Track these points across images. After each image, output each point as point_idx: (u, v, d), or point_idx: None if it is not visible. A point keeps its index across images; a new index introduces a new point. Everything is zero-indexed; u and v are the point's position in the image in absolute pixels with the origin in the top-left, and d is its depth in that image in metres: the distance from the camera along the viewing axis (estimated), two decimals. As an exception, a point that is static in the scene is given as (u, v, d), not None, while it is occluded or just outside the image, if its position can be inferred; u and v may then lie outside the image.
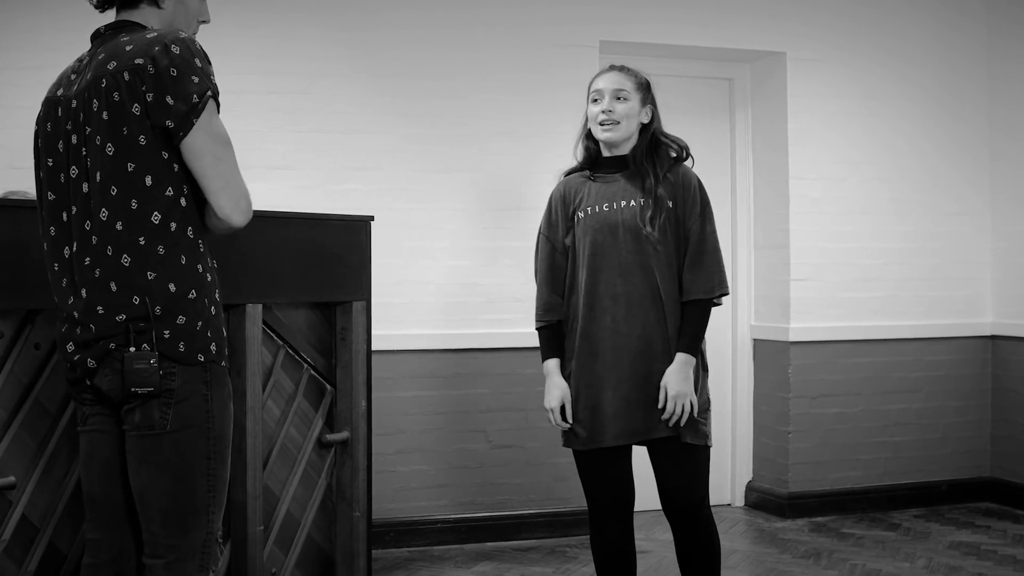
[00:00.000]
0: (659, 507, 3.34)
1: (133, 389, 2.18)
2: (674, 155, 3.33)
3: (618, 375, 3.22)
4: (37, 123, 2.40)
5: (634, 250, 3.22)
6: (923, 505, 5.72)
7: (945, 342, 5.80)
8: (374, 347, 4.05)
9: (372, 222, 3.87)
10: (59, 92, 2.35)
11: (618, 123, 3.29)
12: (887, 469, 5.70)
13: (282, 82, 4.84)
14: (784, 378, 5.54)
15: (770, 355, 5.66)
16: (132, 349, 2.19)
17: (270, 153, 4.81)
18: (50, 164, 2.33)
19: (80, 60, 2.36)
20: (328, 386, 3.77)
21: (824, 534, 5.19)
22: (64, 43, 4.48)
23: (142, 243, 2.21)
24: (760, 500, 5.69)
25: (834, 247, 5.60)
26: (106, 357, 2.23)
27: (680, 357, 3.21)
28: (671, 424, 3.19)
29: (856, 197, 5.65)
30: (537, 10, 5.19)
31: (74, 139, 2.27)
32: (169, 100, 2.18)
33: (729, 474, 5.80)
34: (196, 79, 2.21)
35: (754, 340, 5.77)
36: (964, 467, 5.84)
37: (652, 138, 3.32)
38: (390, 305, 4.87)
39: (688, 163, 3.37)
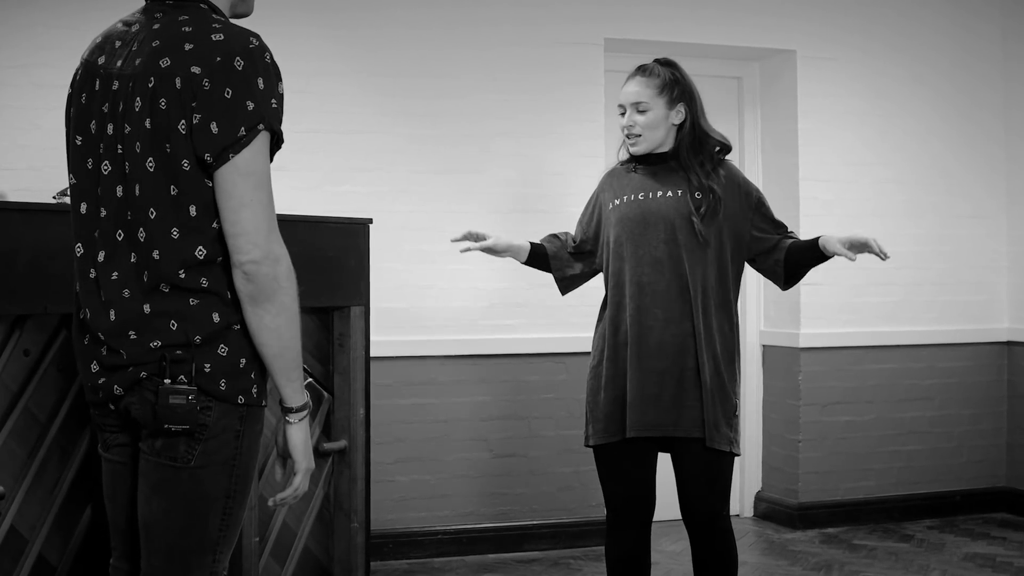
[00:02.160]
0: (669, 518, 3.36)
1: (167, 425, 2.01)
2: (718, 150, 3.36)
3: (639, 366, 3.23)
4: (72, 86, 2.15)
5: (667, 240, 3.25)
6: (937, 516, 5.70)
7: (959, 348, 5.79)
8: (373, 353, 4.05)
9: (371, 225, 3.86)
10: (100, 60, 2.09)
11: (640, 136, 3.32)
12: (900, 479, 5.69)
13: (279, 81, 4.83)
14: (794, 385, 5.53)
15: (780, 361, 5.65)
16: (167, 381, 2.00)
17: (266, 154, 4.80)
18: (78, 143, 2.10)
19: (129, 24, 2.12)
20: (325, 393, 3.76)
21: (835, 546, 5.18)
22: (56, 42, 4.50)
23: (183, 276, 2.01)
24: (769, 510, 5.68)
25: (845, 250, 5.58)
26: (135, 385, 2.04)
27: (823, 240, 3.28)
28: (884, 252, 3.18)
29: (868, 199, 5.64)
30: (541, 7, 5.19)
31: (110, 129, 2.04)
32: (214, 127, 1.95)
33: (738, 484, 5.78)
34: (251, 105, 1.97)
35: (763, 346, 5.76)
36: (979, 477, 5.83)
37: (694, 134, 3.33)
38: (389, 310, 4.86)
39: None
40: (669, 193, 3.28)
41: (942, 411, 5.76)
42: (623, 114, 3.37)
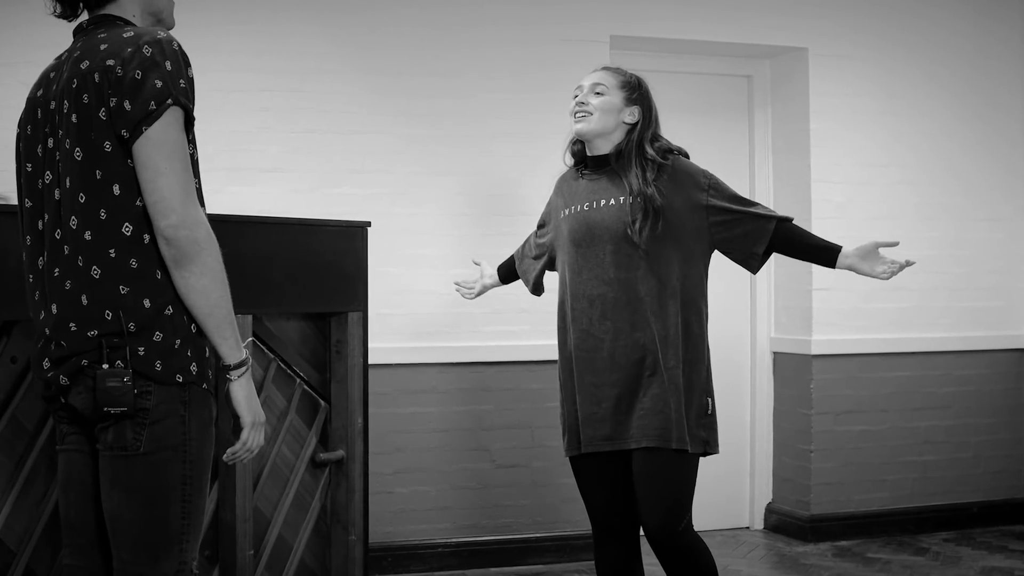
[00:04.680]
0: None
1: (106, 408, 2.15)
2: (661, 158, 3.29)
3: (591, 380, 3.24)
4: (19, 125, 2.39)
5: (613, 251, 3.24)
6: (953, 528, 5.69)
7: (976, 355, 5.78)
8: (371, 360, 4.04)
9: (369, 228, 3.86)
10: (39, 93, 2.34)
11: (590, 114, 3.33)
12: (915, 490, 5.67)
13: (274, 80, 4.83)
14: (806, 393, 5.52)
15: (791, 369, 5.64)
16: (105, 366, 2.16)
17: (261, 155, 4.80)
18: (29, 169, 2.32)
19: (60, 58, 2.35)
20: (322, 402, 3.76)
21: (848, 559, 5.17)
22: (45, 40, 4.48)
23: (112, 255, 2.18)
24: (780, 523, 5.67)
25: (858, 254, 5.58)
26: (79, 374, 2.20)
27: (843, 251, 3.26)
28: (893, 269, 3.23)
29: (882, 202, 5.63)
30: (544, 5, 5.19)
31: (50, 143, 2.27)
32: (127, 106, 2.16)
33: (748, 495, 5.77)
34: (159, 84, 2.17)
35: (774, 353, 5.75)
36: (997, 488, 5.82)
37: (638, 144, 3.30)
38: (388, 316, 4.86)
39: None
40: (612, 202, 3.27)
41: (959, 420, 5.75)
42: (576, 96, 3.38)
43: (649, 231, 3.19)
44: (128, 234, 2.19)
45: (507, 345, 5.09)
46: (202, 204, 2.27)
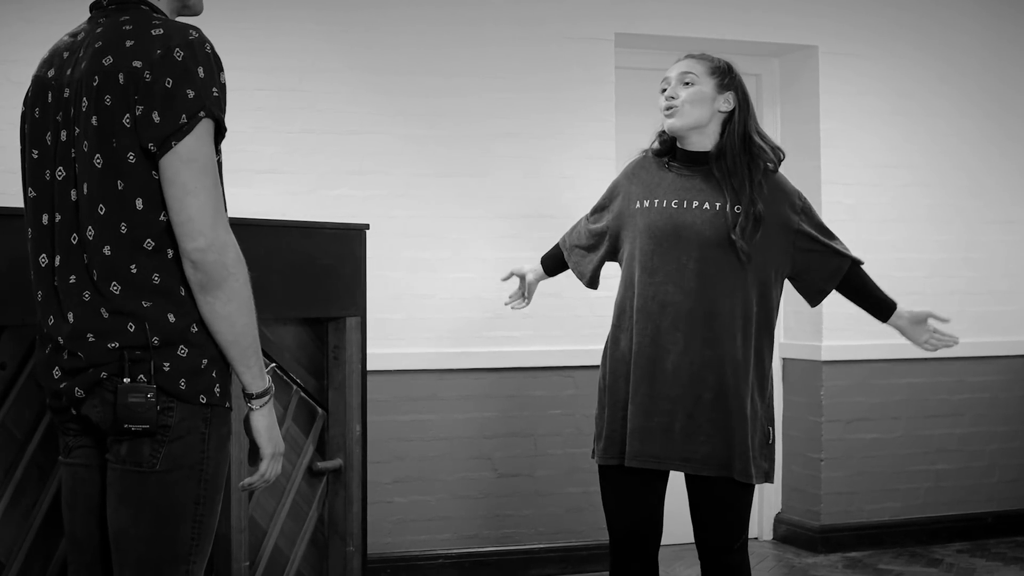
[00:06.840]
0: (681, 542, 3.31)
1: (126, 425, 2.07)
2: (770, 165, 3.19)
3: (648, 391, 3.12)
4: (25, 104, 2.27)
5: (699, 258, 3.10)
6: (967, 539, 5.68)
7: (991, 361, 5.77)
8: (370, 367, 4.03)
9: (367, 231, 3.85)
10: (50, 73, 2.22)
11: (681, 107, 3.17)
12: (928, 500, 5.67)
13: (270, 78, 4.83)
14: (816, 401, 5.51)
15: (800, 375, 5.63)
16: (126, 380, 2.08)
17: (257, 156, 4.80)
18: (35, 156, 2.21)
19: (74, 35, 2.23)
20: (319, 409, 3.75)
21: (859, 570, 5.16)
22: (35, 38, 4.48)
23: (134, 271, 2.10)
24: (790, 533, 5.66)
25: (870, 258, 5.45)
26: (96, 387, 2.11)
27: (898, 310, 3.36)
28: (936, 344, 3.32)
29: (893, 204, 5.63)
30: (548, 2, 5.18)
31: (63, 136, 2.16)
32: (155, 117, 2.05)
33: (756, 505, 5.74)
34: (192, 94, 2.07)
35: (783, 359, 5.74)
36: (1012, 497, 5.81)
37: (744, 136, 3.17)
38: (387, 321, 4.85)
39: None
40: (706, 206, 3.12)
41: (973, 428, 5.74)
42: (664, 91, 3.23)
43: (751, 237, 3.09)
44: (150, 250, 2.11)
45: (509, 351, 5.08)
46: (225, 209, 2.18)
